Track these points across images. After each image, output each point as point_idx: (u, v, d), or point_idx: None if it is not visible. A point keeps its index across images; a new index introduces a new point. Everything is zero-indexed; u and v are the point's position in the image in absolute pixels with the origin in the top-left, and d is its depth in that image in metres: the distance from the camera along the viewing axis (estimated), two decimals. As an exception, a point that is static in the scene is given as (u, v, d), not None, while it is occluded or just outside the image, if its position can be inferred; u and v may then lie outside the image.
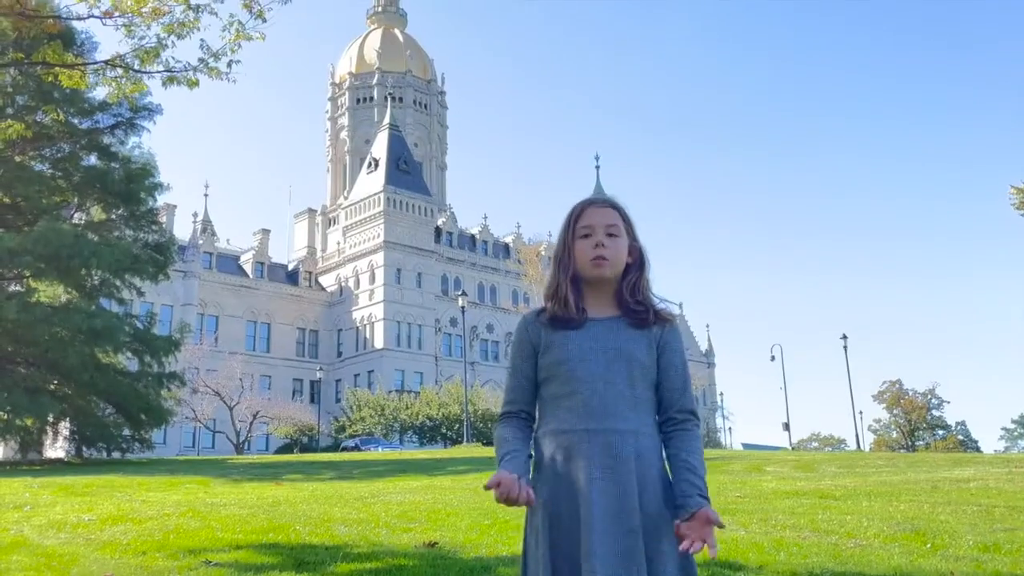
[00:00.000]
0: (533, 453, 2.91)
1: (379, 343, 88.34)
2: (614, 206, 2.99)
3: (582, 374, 2.83)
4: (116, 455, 35.64)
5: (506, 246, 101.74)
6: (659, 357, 2.91)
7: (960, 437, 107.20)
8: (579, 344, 2.86)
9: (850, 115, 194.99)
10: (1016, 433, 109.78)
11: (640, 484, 2.75)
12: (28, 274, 33.58)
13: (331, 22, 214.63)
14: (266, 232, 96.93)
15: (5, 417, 31.85)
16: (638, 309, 2.91)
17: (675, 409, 2.91)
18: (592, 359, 2.84)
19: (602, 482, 2.73)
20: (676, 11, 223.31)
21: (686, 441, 2.87)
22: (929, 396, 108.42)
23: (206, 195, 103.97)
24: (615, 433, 2.77)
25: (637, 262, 2.98)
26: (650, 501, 2.75)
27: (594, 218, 2.94)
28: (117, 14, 9.47)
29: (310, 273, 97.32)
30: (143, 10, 9.43)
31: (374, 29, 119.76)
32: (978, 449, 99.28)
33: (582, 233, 2.94)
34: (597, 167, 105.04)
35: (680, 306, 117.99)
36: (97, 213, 36.95)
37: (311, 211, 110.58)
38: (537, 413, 2.96)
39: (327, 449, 60.92)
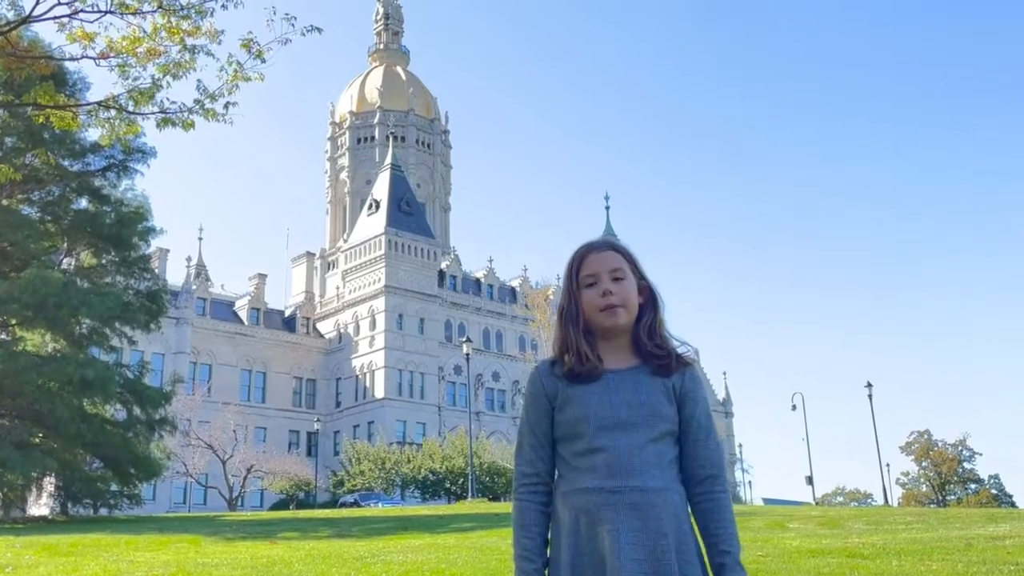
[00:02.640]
0: (552, 514, 2.87)
1: (379, 392, 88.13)
2: (615, 248, 2.95)
3: (604, 431, 2.78)
4: (103, 512, 35.44)
5: (512, 290, 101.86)
6: (680, 408, 2.86)
7: (993, 491, 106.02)
8: (599, 399, 2.81)
9: (874, 159, 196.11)
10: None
11: (678, 553, 2.69)
12: (14, 322, 33.70)
13: (331, 60, 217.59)
14: (262, 277, 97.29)
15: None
16: (659, 354, 2.87)
17: (698, 465, 2.85)
18: (613, 415, 2.79)
19: (632, 549, 2.67)
20: (690, 48, 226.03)
21: (717, 512, 2.83)
22: (960, 447, 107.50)
23: (200, 239, 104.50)
24: (642, 492, 2.72)
25: (649, 301, 2.94)
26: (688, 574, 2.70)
27: (597, 264, 2.90)
28: (111, 55, 9.63)
29: (308, 319, 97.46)
30: (138, 51, 9.59)
31: (375, 67, 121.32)
32: (1013, 504, 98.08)
33: (587, 282, 2.90)
34: (607, 207, 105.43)
35: (696, 352, 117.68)
36: (87, 258, 37.16)
37: (309, 255, 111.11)
38: (556, 471, 2.91)
39: (325, 505, 60.52)
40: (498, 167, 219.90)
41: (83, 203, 36.56)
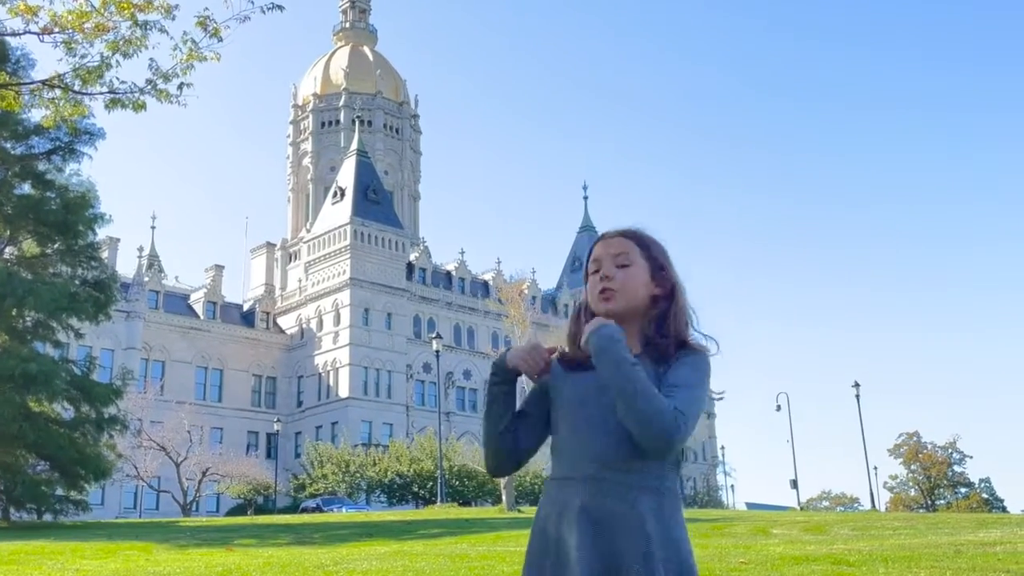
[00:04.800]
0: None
1: (344, 391, 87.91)
2: (625, 234, 2.98)
3: (574, 419, 2.81)
4: (48, 518, 35.08)
5: (485, 284, 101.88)
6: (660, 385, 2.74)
7: (984, 495, 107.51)
8: (581, 385, 2.83)
9: (861, 154, 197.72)
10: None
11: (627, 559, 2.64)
12: (-48, 315, 33.27)
13: (294, 38, 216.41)
14: (219, 268, 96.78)
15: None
16: (659, 343, 2.84)
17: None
18: (591, 402, 2.78)
19: (586, 549, 2.66)
20: (667, 33, 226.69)
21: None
22: (950, 450, 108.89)
23: (153, 228, 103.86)
24: (600, 482, 2.71)
25: (668, 292, 2.93)
26: None
27: (601, 250, 2.95)
28: (56, 30, 9.50)
29: (267, 314, 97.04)
30: (85, 26, 9.46)
31: (341, 46, 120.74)
32: (1004, 509, 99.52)
33: (592, 269, 2.96)
34: (585, 197, 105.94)
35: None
36: (30, 247, 36.72)
37: (270, 245, 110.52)
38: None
39: (285, 510, 60.36)
40: (471, 154, 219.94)
41: (26, 188, 36.01)
